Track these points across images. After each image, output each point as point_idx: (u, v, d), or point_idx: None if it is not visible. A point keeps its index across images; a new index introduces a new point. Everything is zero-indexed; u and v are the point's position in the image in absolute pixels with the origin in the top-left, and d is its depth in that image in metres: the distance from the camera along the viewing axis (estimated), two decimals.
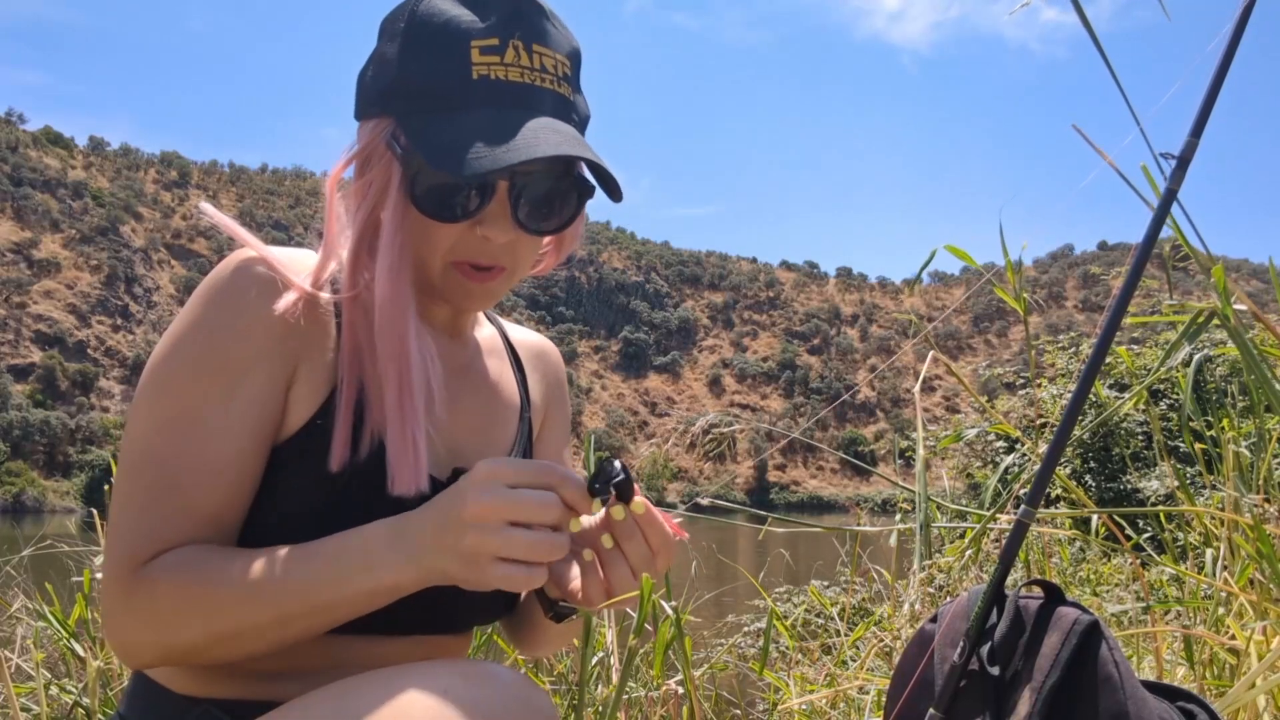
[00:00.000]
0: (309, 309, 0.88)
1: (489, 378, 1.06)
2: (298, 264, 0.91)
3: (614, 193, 0.91)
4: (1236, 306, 1.25)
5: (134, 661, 0.83)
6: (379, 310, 0.87)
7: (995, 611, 0.92)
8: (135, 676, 0.92)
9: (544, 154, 0.81)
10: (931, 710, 0.88)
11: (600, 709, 1.88)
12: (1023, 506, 0.92)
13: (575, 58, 0.92)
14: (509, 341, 1.14)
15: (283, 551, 0.80)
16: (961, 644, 0.88)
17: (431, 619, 0.93)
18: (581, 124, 0.92)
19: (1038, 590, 0.95)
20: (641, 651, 2.22)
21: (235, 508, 0.85)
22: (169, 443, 0.82)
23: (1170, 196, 1.01)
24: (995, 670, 0.88)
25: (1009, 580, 0.94)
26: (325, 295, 0.90)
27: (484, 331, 1.10)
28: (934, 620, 0.96)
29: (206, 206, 0.92)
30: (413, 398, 0.86)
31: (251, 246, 0.88)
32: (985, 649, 0.90)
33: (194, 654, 0.81)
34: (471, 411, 1.00)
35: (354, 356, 0.89)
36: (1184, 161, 1.00)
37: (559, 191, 0.90)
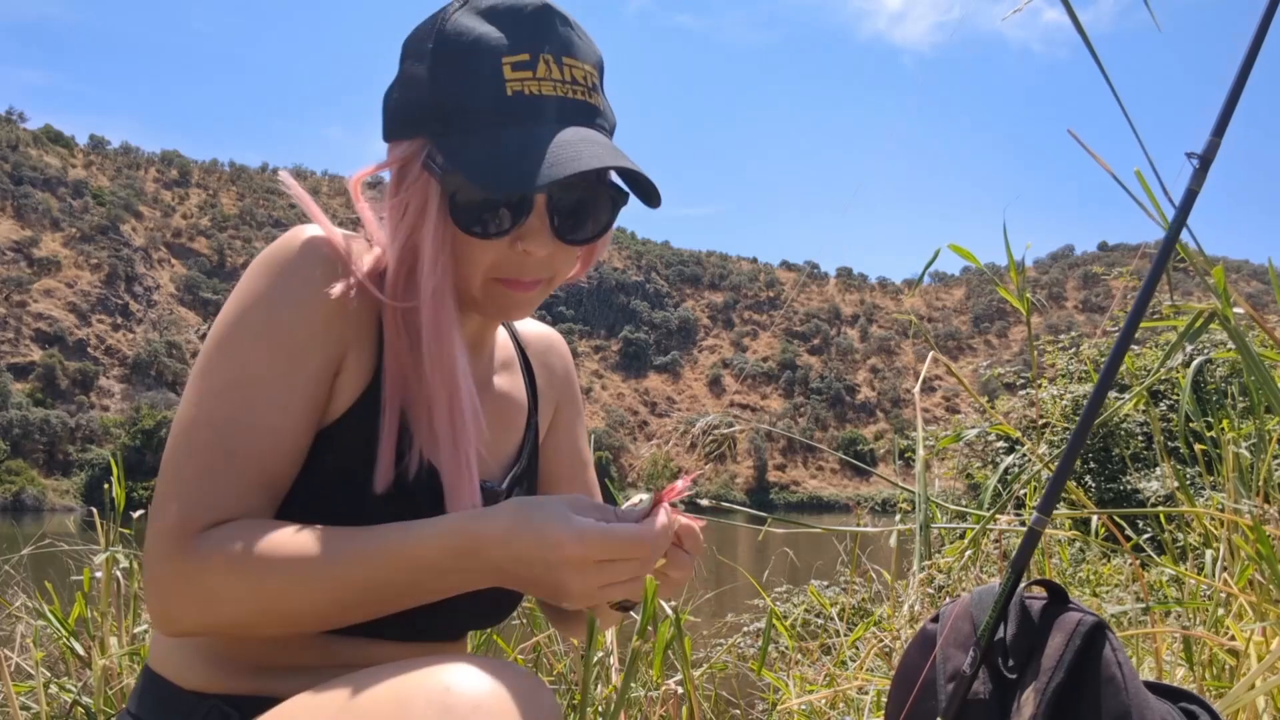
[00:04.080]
0: (361, 298, 0.90)
1: (504, 388, 1.08)
2: (356, 251, 0.93)
3: (651, 198, 0.92)
4: (1235, 310, 1.25)
5: (171, 628, 0.82)
6: (426, 333, 0.88)
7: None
8: (143, 674, 0.92)
9: (589, 167, 0.82)
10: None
11: (600, 709, 1.88)
12: (1035, 514, 0.92)
13: (600, 66, 0.92)
14: (517, 340, 1.15)
15: (347, 540, 0.80)
16: (972, 653, 0.88)
17: (432, 625, 0.94)
18: (611, 132, 0.93)
19: (1040, 590, 0.95)
20: (641, 651, 2.22)
21: (286, 478, 0.86)
22: (228, 407, 0.83)
23: (1191, 197, 0.99)
24: (1012, 674, 0.88)
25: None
26: (379, 296, 0.91)
27: (497, 335, 1.12)
28: (935, 620, 0.96)
29: (286, 176, 0.94)
30: (464, 421, 0.88)
31: (322, 225, 0.90)
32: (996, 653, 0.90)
33: (237, 627, 0.81)
34: (488, 422, 1.01)
35: (396, 376, 0.90)
36: (1206, 162, 0.98)
37: (594, 201, 0.91)
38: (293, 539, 0.80)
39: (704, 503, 2.23)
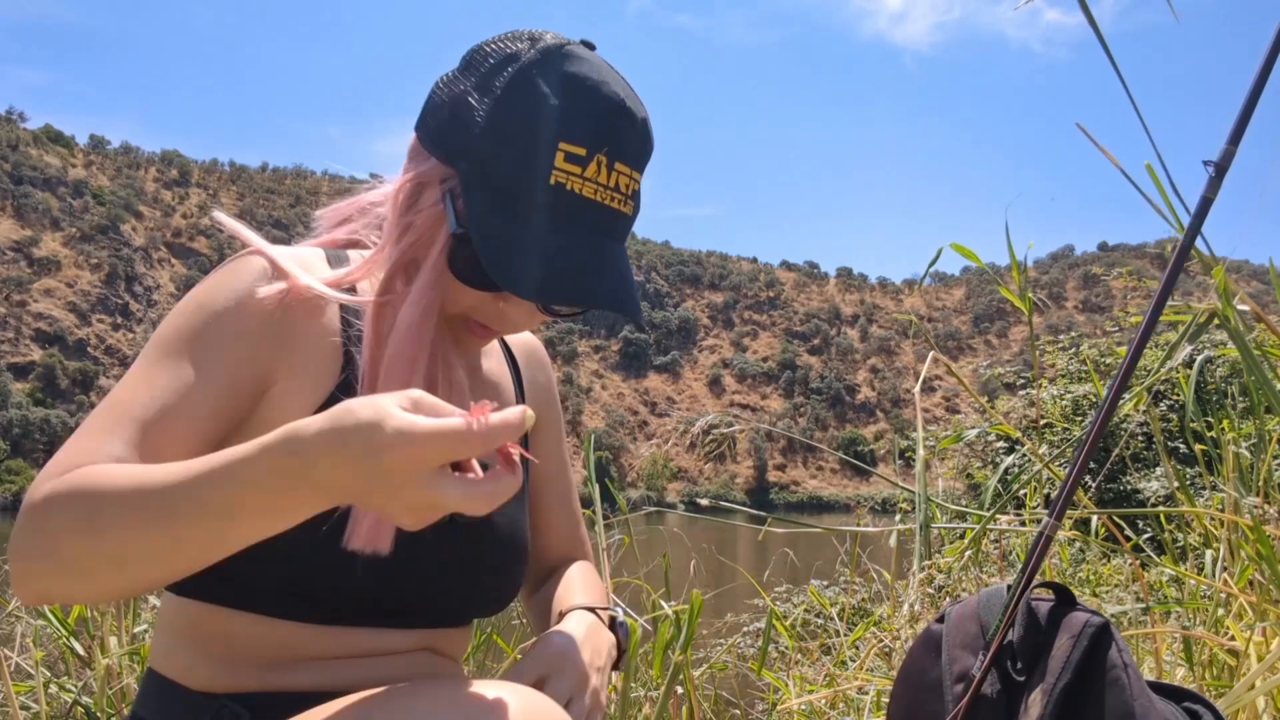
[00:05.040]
0: (306, 304, 0.89)
1: (487, 377, 1.08)
2: (306, 263, 0.92)
3: (638, 324, 0.94)
4: (1239, 307, 1.25)
5: (27, 594, 0.75)
6: (395, 355, 0.87)
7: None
8: (147, 676, 0.92)
9: (597, 307, 0.85)
10: None
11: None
12: (1047, 519, 0.92)
13: (647, 160, 0.92)
14: (503, 340, 1.16)
15: (178, 467, 0.72)
16: (981, 655, 0.89)
17: (436, 612, 0.94)
18: (630, 227, 0.93)
19: (1046, 592, 0.95)
20: (641, 651, 2.22)
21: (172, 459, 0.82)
22: (136, 392, 0.83)
23: (1206, 205, 0.99)
24: (1020, 675, 0.88)
25: (1012, 581, 0.94)
26: (338, 295, 0.90)
27: None
28: (940, 621, 0.96)
29: (220, 215, 0.93)
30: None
31: (263, 250, 0.90)
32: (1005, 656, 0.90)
33: (85, 578, 0.73)
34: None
35: (371, 379, 0.88)
36: (1221, 170, 0.98)
37: None
38: (127, 472, 0.73)
39: (704, 502, 2.23)
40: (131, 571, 0.72)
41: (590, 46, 0.91)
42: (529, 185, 0.83)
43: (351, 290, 0.94)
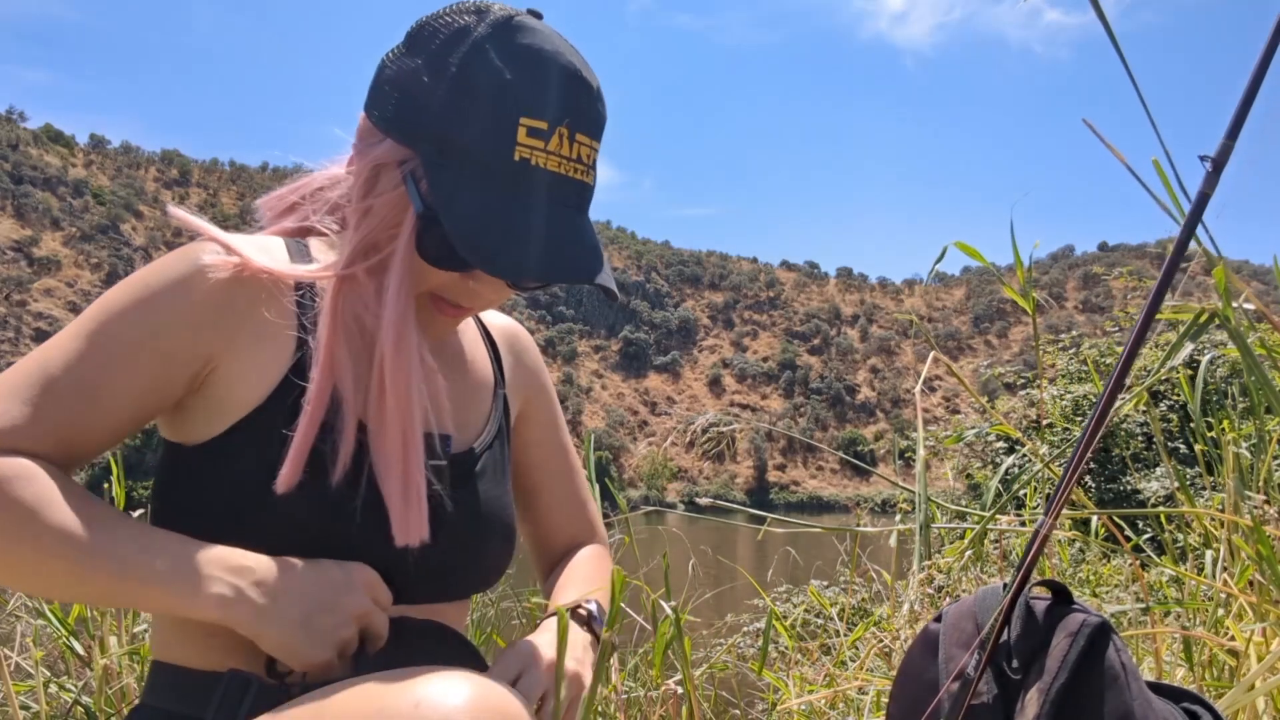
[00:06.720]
0: (259, 285, 0.88)
1: (463, 354, 1.07)
2: (266, 249, 0.91)
3: (612, 295, 0.93)
4: (1246, 306, 1.25)
5: None
6: (383, 344, 0.86)
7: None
8: (154, 667, 0.92)
9: (570, 280, 0.85)
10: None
11: (600, 710, 1.88)
12: (1041, 518, 0.92)
13: (602, 128, 0.92)
14: (482, 324, 1.15)
15: (122, 525, 0.80)
16: (977, 654, 0.88)
17: (437, 588, 0.95)
18: (590, 200, 0.93)
19: (1044, 591, 0.95)
20: (641, 651, 2.22)
21: (87, 446, 0.84)
22: (68, 357, 0.82)
23: (1203, 201, 0.99)
24: (1016, 675, 0.88)
25: (1008, 580, 0.94)
26: (295, 270, 0.89)
27: None
28: (938, 620, 0.96)
29: (173, 209, 0.91)
30: (418, 446, 0.86)
31: (216, 237, 0.88)
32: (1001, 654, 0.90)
33: None
34: (443, 383, 1.01)
35: (328, 365, 0.87)
36: (1219, 165, 0.97)
37: None
38: (75, 496, 0.79)
39: (704, 502, 2.23)
40: (25, 583, 0.79)
41: (537, 15, 0.91)
42: (494, 163, 0.83)
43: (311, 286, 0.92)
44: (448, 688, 0.71)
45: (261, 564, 0.82)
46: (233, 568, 0.80)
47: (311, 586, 0.81)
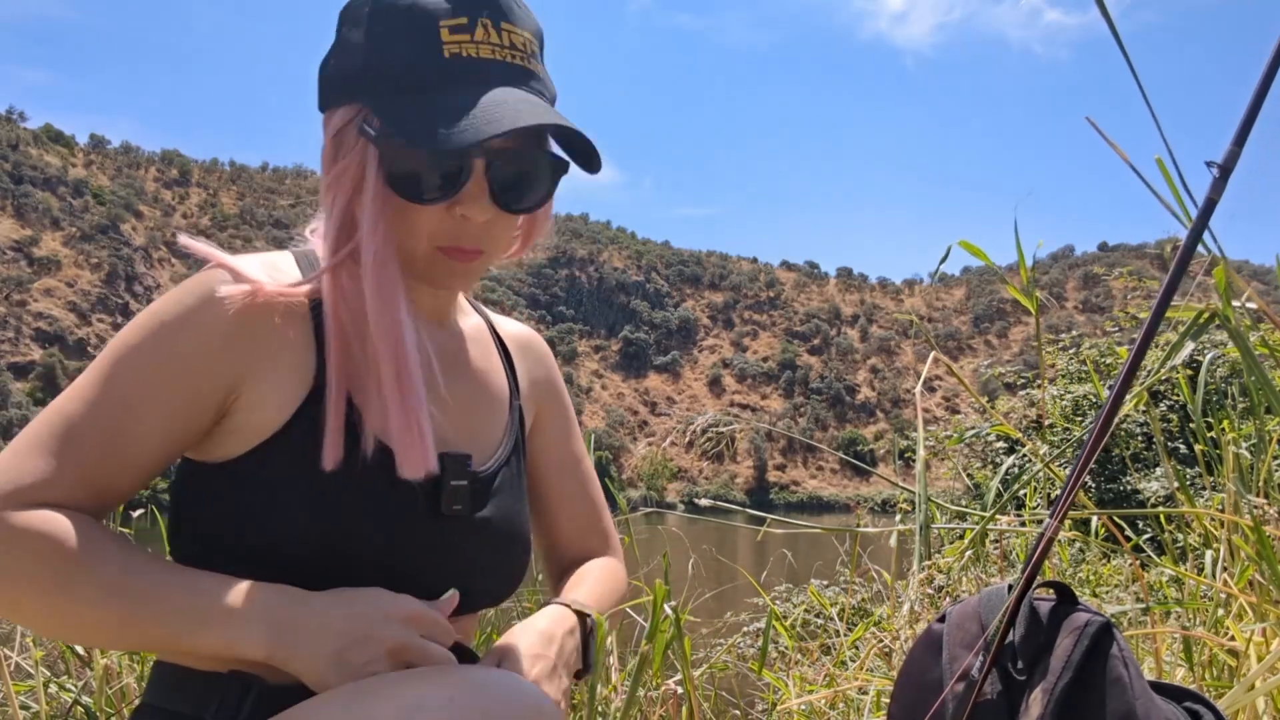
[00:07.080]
0: (273, 309, 0.88)
1: (476, 365, 1.06)
2: (275, 267, 0.91)
3: (591, 161, 0.91)
4: (1249, 305, 1.24)
5: None
6: (370, 300, 0.86)
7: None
8: (156, 668, 0.92)
9: (524, 125, 0.82)
10: None
11: (601, 710, 1.88)
12: (1047, 520, 0.92)
13: (540, 37, 0.92)
14: (496, 332, 1.14)
15: (160, 571, 0.80)
16: (982, 655, 0.88)
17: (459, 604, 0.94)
18: (552, 101, 0.92)
19: (1048, 591, 0.95)
20: (640, 651, 2.21)
21: (120, 490, 0.84)
22: (89, 406, 0.82)
23: (1210, 206, 0.98)
24: (1021, 675, 0.88)
25: (1013, 581, 0.94)
26: (304, 288, 0.89)
27: (470, 320, 1.10)
28: (942, 621, 0.96)
29: (184, 239, 0.91)
30: (411, 378, 0.86)
31: (225, 264, 0.88)
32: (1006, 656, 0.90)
33: (18, 614, 0.80)
34: (460, 399, 1.00)
35: (342, 352, 0.88)
36: (1226, 171, 0.97)
37: (533, 168, 0.91)
38: (114, 547, 0.80)
39: (704, 502, 2.23)
40: (68, 633, 0.82)
41: None
42: (428, 70, 0.84)
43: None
44: (480, 682, 0.71)
45: (296, 598, 0.82)
46: (269, 604, 0.80)
47: (342, 621, 0.80)
